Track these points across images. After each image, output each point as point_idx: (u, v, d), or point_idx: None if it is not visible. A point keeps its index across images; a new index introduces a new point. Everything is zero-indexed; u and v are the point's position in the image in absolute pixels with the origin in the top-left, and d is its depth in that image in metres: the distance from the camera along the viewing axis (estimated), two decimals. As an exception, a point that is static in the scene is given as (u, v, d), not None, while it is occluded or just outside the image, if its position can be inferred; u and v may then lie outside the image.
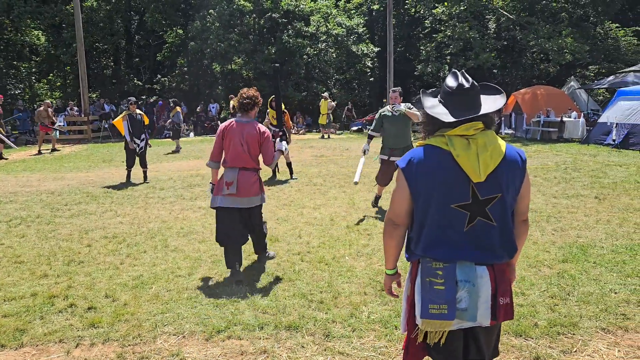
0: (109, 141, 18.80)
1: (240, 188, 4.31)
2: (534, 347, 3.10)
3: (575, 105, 16.83)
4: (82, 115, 18.05)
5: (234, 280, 4.26)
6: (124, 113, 9.22)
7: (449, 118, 1.96)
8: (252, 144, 4.33)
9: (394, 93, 6.60)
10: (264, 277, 4.40)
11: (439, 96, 2.09)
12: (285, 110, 9.38)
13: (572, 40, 19.07)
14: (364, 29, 25.04)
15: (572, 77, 20.68)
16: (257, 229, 4.60)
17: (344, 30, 23.83)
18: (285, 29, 22.97)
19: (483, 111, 1.97)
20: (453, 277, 1.91)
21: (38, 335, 3.38)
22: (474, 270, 1.92)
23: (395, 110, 6.41)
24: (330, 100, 19.79)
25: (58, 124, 17.75)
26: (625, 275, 4.21)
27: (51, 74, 26.89)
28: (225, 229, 4.37)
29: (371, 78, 28.17)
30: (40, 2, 22.70)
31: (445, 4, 22.06)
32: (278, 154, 4.68)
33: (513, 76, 25.51)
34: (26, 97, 25.10)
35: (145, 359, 3.09)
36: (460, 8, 21.04)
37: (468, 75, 2.03)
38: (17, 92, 25.18)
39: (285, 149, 4.84)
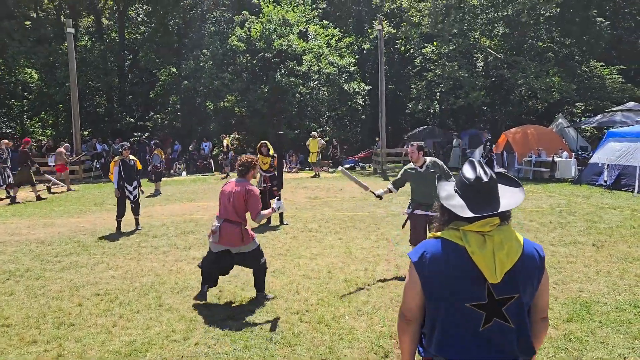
0: (100, 181, 18.64)
1: (222, 236, 4.92)
2: None
3: (566, 144, 17.04)
4: (74, 155, 17.93)
5: (196, 296, 5.10)
6: (116, 158, 9.13)
7: (467, 213, 1.87)
8: (238, 200, 4.95)
9: (412, 147, 5.82)
10: (264, 342, 4.25)
11: (455, 185, 2.02)
12: (274, 155, 9.47)
13: (559, 79, 19.49)
14: (355, 67, 25.43)
15: (560, 114, 21.03)
16: (255, 267, 5.15)
17: (335, 69, 24.17)
18: (278, 68, 23.25)
19: (502, 208, 1.89)
20: None
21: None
22: None
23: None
24: (319, 138, 19.87)
25: (83, 152, 19.30)
26: (632, 337, 4.12)
27: (43, 112, 26.82)
28: (212, 261, 5.12)
29: (363, 115, 28.49)
30: (34, 42, 22.83)
31: (435, 43, 22.54)
32: (271, 211, 5.21)
33: (502, 113, 25.92)
34: (17, 134, 24.94)
35: None
36: (450, 47, 21.47)
37: (486, 167, 1.97)
38: (8, 131, 25.04)
39: (279, 207, 5.24)
